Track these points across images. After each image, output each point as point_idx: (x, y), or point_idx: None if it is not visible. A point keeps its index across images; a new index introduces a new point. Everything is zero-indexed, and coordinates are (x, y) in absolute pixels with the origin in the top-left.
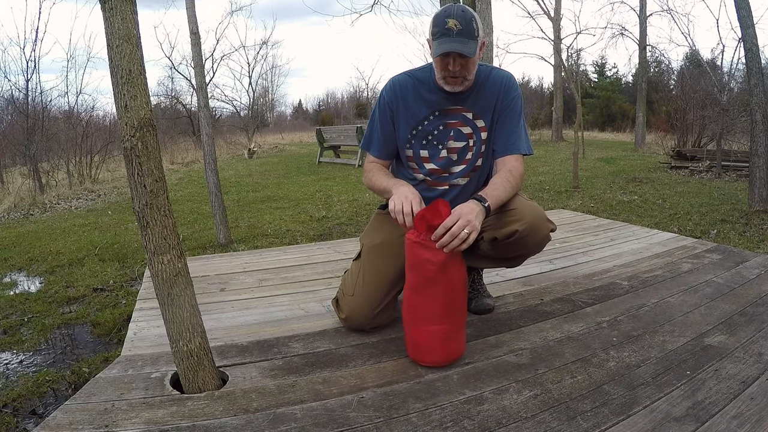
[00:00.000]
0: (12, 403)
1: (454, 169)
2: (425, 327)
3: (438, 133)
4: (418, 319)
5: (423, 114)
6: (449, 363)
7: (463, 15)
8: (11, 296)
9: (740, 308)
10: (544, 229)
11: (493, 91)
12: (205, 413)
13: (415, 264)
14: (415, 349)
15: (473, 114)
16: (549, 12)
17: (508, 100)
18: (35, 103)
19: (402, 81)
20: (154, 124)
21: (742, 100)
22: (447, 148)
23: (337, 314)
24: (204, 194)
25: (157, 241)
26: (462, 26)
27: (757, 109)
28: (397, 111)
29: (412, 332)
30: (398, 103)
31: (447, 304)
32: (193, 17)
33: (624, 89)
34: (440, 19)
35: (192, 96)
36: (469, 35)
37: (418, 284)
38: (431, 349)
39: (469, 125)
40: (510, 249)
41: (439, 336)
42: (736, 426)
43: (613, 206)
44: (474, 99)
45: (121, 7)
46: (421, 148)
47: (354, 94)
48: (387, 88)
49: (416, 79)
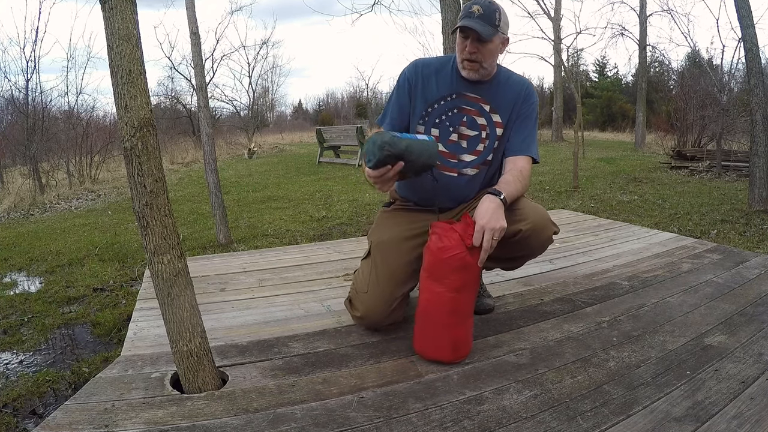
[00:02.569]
0: (12, 403)
1: (463, 157)
2: (467, 322)
3: (452, 116)
4: (463, 317)
5: (441, 93)
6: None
7: (489, 5)
8: (11, 296)
9: (740, 308)
10: (548, 231)
11: (514, 92)
12: (205, 413)
13: (462, 266)
14: (455, 349)
15: (490, 107)
16: (549, 12)
17: (527, 105)
18: (35, 103)
19: (425, 61)
20: (154, 124)
21: (742, 100)
22: (458, 133)
23: (351, 313)
24: (204, 194)
25: (157, 241)
26: (484, 12)
27: (757, 109)
28: (416, 86)
29: (455, 333)
30: (418, 78)
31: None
32: (193, 17)
33: (624, 89)
34: (467, 5)
35: (192, 96)
36: (489, 21)
37: (464, 285)
38: (467, 340)
39: (485, 117)
40: (513, 248)
41: (472, 326)
42: (736, 426)
43: (613, 206)
44: (493, 93)
45: (121, 7)
46: (433, 126)
47: (354, 94)
48: (410, 65)
49: (440, 62)
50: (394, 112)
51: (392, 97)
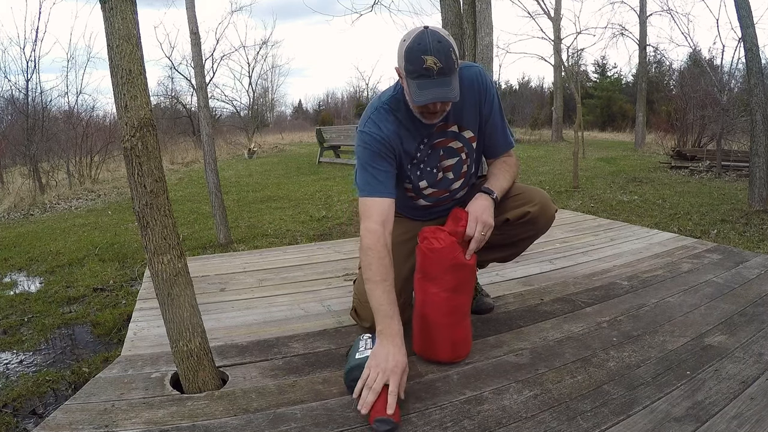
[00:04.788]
0: (12, 403)
1: (453, 186)
2: (465, 322)
3: (429, 158)
4: (460, 317)
5: (413, 146)
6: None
7: (441, 48)
8: (11, 296)
9: (740, 308)
10: (552, 210)
11: (473, 96)
12: (205, 413)
13: (455, 266)
14: (454, 348)
15: (458, 126)
16: (549, 12)
17: (488, 102)
18: (35, 103)
19: (384, 117)
20: (154, 124)
21: (742, 100)
22: (442, 169)
23: (359, 324)
24: (204, 194)
25: (157, 241)
26: (442, 63)
27: (757, 109)
28: (396, 147)
29: (453, 333)
30: (393, 140)
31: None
32: (193, 17)
33: (624, 89)
34: (415, 55)
35: (192, 96)
36: (451, 71)
37: (459, 285)
38: (467, 340)
39: (458, 139)
40: (521, 230)
41: (470, 326)
42: (736, 426)
43: (613, 206)
44: (457, 111)
45: (121, 7)
46: (419, 180)
47: (354, 94)
48: (375, 129)
49: (395, 112)
50: (387, 182)
51: (369, 164)
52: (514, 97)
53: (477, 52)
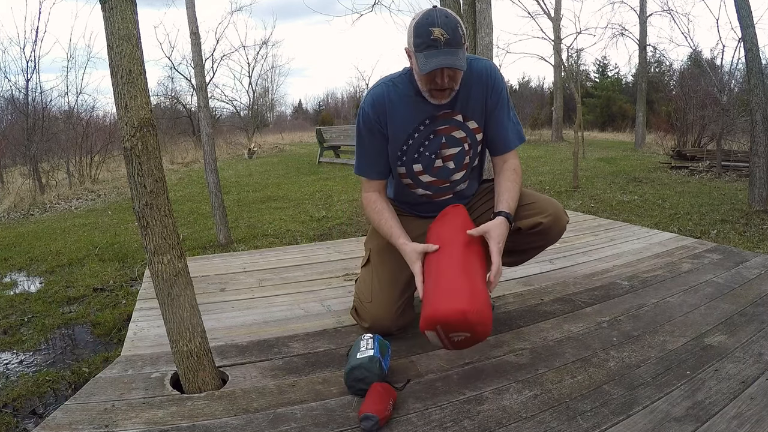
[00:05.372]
0: (12, 403)
1: (454, 177)
2: (483, 282)
3: (429, 143)
4: (476, 274)
5: (412, 127)
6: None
7: (448, 21)
8: (11, 296)
9: (740, 308)
10: (564, 221)
11: (480, 88)
12: (205, 413)
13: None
14: (473, 294)
15: (463, 116)
16: (549, 12)
17: (496, 95)
18: (35, 103)
19: (384, 94)
20: (154, 124)
21: (742, 100)
22: (441, 157)
23: (359, 324)
24: (204, 194)
25: (157, 241)
26: (449, 35)
27: (757, 109)
28: (385, 126)
29: (471, 281)
30: (385, 117)
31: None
32: (193, 17)
33: (624, 89)
34: (423, 28)
35: (192, 96)
36: (458, 44)
37: (473, 248)
38: (486, 299)
39: (462, 129)
40: (532, 239)
41: (488, 294)
42: (736, 426)
43: (613, 206)
44: (463, 99)
45: (121, 7)
46: (413, 162)
47: (354, 94)
48: (369, 103)
49: (397, 89)
50: (376, 157)
51: (363, 142)
52: (514, 97)
53: (477, 52)
